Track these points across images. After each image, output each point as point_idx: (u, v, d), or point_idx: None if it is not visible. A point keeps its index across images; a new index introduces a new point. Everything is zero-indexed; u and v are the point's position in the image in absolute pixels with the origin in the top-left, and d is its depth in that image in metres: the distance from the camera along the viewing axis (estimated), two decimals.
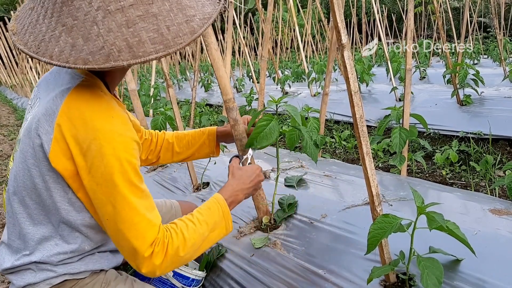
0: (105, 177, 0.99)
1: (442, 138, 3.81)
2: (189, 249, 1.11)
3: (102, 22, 0.87)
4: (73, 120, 0.99)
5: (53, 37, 0.89)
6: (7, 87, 16.25)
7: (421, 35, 13.75)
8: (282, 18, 10.76)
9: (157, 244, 1.04)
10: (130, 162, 1.01)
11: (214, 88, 8.31)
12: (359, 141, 1.11)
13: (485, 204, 1.59)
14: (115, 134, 0.99)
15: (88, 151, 0.98)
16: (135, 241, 1.01)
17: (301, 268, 1.40)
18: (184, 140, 1.62)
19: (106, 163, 0.98)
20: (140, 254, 1.02)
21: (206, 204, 1.24)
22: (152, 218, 1.05)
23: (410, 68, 2.20)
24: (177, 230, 1.11)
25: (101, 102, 1.03)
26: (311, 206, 1.76)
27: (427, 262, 1.06)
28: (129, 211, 1.01)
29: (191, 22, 0.94)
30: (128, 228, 1.01)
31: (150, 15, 0.90)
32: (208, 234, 1.18)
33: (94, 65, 0.87)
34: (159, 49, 0.90)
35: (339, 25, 1.04)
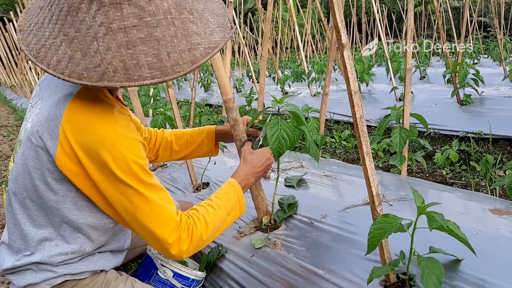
0: (118, 179, 1.01)
1: (442, 137, 3.81)
2: (210, 232, 1.17)
3: (103, 39, 0.86)
4: (78, 126, 1.00)
5: (53, 45, 0.89)
6: (6, 87, 16.24)
7: (421, 34, 13.75)
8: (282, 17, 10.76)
9: (183, 231, 1.09)
10: (138, 163, 1.03)
11: (214, 88, 8.30)
12: (359, 141, 1.11)
13: (485, 204, 1.59)
14: (121, 137, 1.01)
15: (97, 156, 0.99)
16: (158, 231, 1.05)
17: (301, 268, 1.40)
18: (182, 138, 1.63)
19: (116, 166, 1.00)
20: (164, 241, 1.06)
21: (223, 189, 1.30)
22: (169, 207, 1.08)
23: (410, 68, 2.20)
24: (199, 216, 1.16)
25: (104, 107, 1.04)
26: (311, 206, 1.76)
27: (427, 262, 1.06)
28: (147, 205, 1.04)
29: (194, 51, 0.92)
30: (150, 220, 1.05)
31: (153, 39, 0.88)
32: (225, 217, 1.25)
33: (87, 82, 0.87)
34: (155, 75, 0.88)
35: (339, 25, 1.04)
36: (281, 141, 1.49)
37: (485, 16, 15.44)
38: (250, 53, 12.20)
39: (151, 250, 1.44)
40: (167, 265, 1.41)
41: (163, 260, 1.41)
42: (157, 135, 1.64)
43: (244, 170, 1.39)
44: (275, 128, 1.50)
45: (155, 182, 1.08)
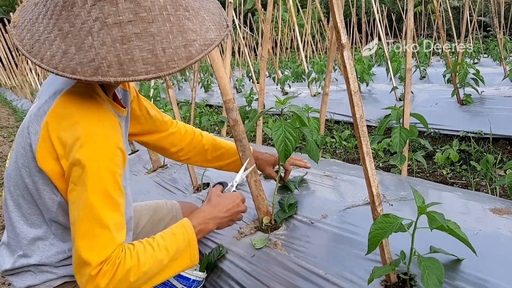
0: (81, 180, 0.96)
1: (443, 137, 3.81)
2: (142, 275, 1.02)
3: (98, 34, 0.86)
4: (60, 121, 0.99)
5: (47, 39, 0.89)
6: (6, 88, 16.26)
7: (421, 34, 13.75)
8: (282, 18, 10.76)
9: (107, 262, 0.97)
10: (110, 170, 0.97)
11: (214, 89, 8.31)
12: (359, 141, 1.11)
13: (485, 204, 1.58)
14: (99, 137, 0.97)
15: (70, 152, 0.96)
16: (87, 254, 0.95)
17: (301, 269, 1.40)
18: (219, 151, 1.63)
19: (83, 165, 0.95)
20: (88, 269, 0.95)
21: (172, 228, 1.17)
22: (116, 236, 0.98)
23: (410, 68, 2.20)
24: (133, 252, 1.03)
25: (91, 104, 1.02)
26: (311, 206, 1.76)
27: (427, 262, 1.06)
28: (93, 221, 0.95)
29: (190, 47, 0.92)
30: (86, 237, 0.96)
31: (148, 34, 0.87)
32: (167, 262, 1.09)
33: (81, 77, 0.86)
34: (150, 71, 0.88)
35: (339, 25, 1.04)
36: (286, 143, 1.49)
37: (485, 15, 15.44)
38: (250, 53, 12.20)
39: None
40: None
41: None
42: (194, 137, 1.62)
43: (205, 213, 1.25)
44: (280, 130, 1.50)
45: (120, 201, 1.01)
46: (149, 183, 2.61)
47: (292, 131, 1.49)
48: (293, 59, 13.28)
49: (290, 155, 1.51)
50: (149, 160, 2.94)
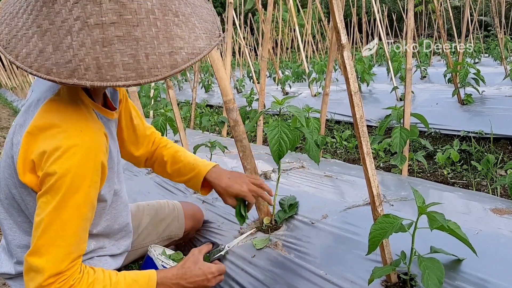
0: (53, 190, 0.94)
1: (443, 137, 3.81)
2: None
3: (77, 34, 0.81)
4: (41, 132, 0.96)
5: (25, 36, 0.84)
6: (7, 89, 16.27)
7: (421, 34, 13.74)
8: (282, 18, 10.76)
9: (61, 279, 0.96)
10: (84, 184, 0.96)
11: (214, 89, 8.31)
12: (359, 141, 1.11)
13: (486, 204, 1.58)
14: (78, 149, 0.94)
15: (47, 162, 0.94)
16: (42, 262, 0.94)
17: (302, 269, 1.40)
18: (177, 165, 1.51)
19: (58, 176, 0.93)
20: (39, 277, 0.95)
21: (137, 274, 1.15)
22: (73, 248, 0.98)
23: (411, 68, 2.20)
24: (90, 279, 1.02)
25: (73, 113, 0.99)
26: (312, 206, 1.76)
27: (428, 262, 1.06)
28: (56, 232, 0.95)
29: (175, 55, 0.86)
30: (45, 246, 0.95)
31: (131, 38, 0.82)
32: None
33: (56, 78, 0.81)
34: (130, 77, 0.82)
35: (339, 25, 1.04)
36: (281, 143, 1.48)
37: (486, 15, 15.43)
38: (250, 53, 12.21)
39: (152, 251, 1.44)
40: (168, 266, 1.41)
41: (164, 261, 1.41)
42: (157, 147, 1.54)
43: (172, 276, 1.21)
44: (276, 130, 1.49)
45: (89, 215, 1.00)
46: (149, 184, 2.61)
47: (288, 131, 1.48)
48: (294, 59, 13.28)
49: (284, 155, 1.50)
50: None
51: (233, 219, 1.80)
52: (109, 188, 1.17)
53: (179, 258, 1.47)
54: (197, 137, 3.57)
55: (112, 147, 1.15)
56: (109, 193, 1.17)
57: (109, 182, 1.16)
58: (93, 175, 0.98)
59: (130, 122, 1.42)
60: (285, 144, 1.48)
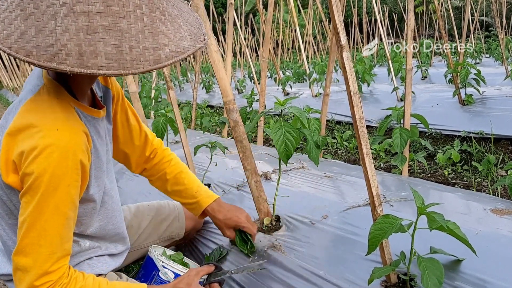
0: (32, 190, 0.95)
1: (444, 138, 3.81)
2: None
3: (62, 20, 0.81)
4: (20, 132, 0.96)
5: (7, 18, 0.83)
6: (8, 90, 16.30)
7: (422, 34, 13.73)
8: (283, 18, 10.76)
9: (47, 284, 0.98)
10: (63, 183, 0.96)
11: (215, 90, 8.31)
12: (359, 142, 1.11)
13: (486, 204, 1.58)
14: (54, 148, 0.94)
15: (25, 162, 0.94)
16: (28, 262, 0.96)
17: (302, 269, 1.40)
18: (179, 187, 1.53)
19: (36, 176, 0.94)
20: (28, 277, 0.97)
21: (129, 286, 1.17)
22: (57, 248, 1.00)
23: (411, 68, 2.20)
24: (77, 285, 1.04)
25: (51, 112, 0.99)
26: (312, 207, 1.76)
27: (427, 262, 1.06)
28: (39, 232, 0.96)
29: (159, 51, 0.87)
30: (30, 246, 0.97)
31: (116, 29, 0.82)
32: None
33: (35, 60, 0.80)
34: (111, 66, 0.82)
35: (338, 26, 1.04)
36: (287, 144, 1.48)
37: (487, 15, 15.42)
38: (251, 54, 12.22)
39: (152, 252, 1.45)
40: (169, 267, 1.41)
41: (164, 262, 1.41)
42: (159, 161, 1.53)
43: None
44: (280, 131, 1.49)
45: (71, 214, 1.01)
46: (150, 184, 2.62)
47: (292, 131, 1.49)
48: (295, 60, 13.28)
49: (291, 155, 1.50)
50: None
51: None
52: (98, 188, 1.16)
53: (179, 259, 1.47)
54: (198, 138, 3.57)
55: (99, 146, 1.15)
56: (99, 192, 1.17)
57: (98, 182, 1.16)
58: (72, 173, 0.98)
59: (126, 121, 1.42)
60: (291, 143, 1.48)
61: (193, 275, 1.27)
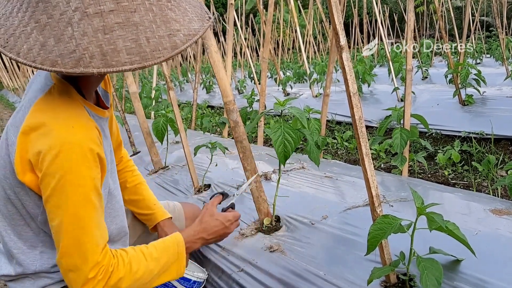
0: (59, 190, 0.95)
1: (444, 138, 3.81)
2: (133, 283, 1.06)
3: (78, 25, 0.82)
4: (34, 131, 0.96)
5: (23, 33, 0.85)
6: (9, 90, 16.32)
7: (423, 34, 13.73)
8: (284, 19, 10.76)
9: (100, 271, 1.00)
10: (86, 177, 0.97)
11: (215, 90, 8.32)
12: (358, 142, 1.12)
13: (486, 204, 1.58)
14: (72, 145, 0.95)
15: (43, 162, 0.95)
16: (78, 260, 0.98)
17: (301, 270, 1.40)
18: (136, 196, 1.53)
19: (60, 175, 0.94)
20: (82, 276, 0.98)
21: (165, 241, 1.20)
22: (99, 239, 1.01)
23: (411, 69, 2.20)
24: (125, 259, 1.06)
25: (64, 111, 1.00)
26: (312, 207, 1.76)
27: (426, 262, 1.06)
28: (78, 229, 0.97)
29: (174, 37, 0.89)
30: (74, 246, 0.97)
31: (131, 24, 0.84)
32: (156, 273, 1.13)
33: (62, 69, 0.82)
34: (134, 61, 0.84)
35: (337, 27, 1.04)
36: (286, 144, 1.48)
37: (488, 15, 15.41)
38: (252, 54, 12.22)
39: None
40: None
41: None
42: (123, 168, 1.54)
43: (195, 232, 1.29)
44: (279, 132, 1.50)
45: (99, 204, 1.02)
46: (150, 185, 2.61)
47: (291, 132, 1.49)
48: (295, 60, 13.28)
49: (290, 156, 1.50)
50: (151, 162, 2.95)
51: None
52: (104, 187, 1.17)
53: None
54: (198, 138, 3.58)
55: (105, 145, 1.16)
56: (104, 191, 1.17)
57: (103, 181, 1.16)
58: (93, 166, 0.99)
59: (115, 127, 1.45)
60: (290, 144, 1.49)
61: (210, 207, 1.35)
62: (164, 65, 2.74)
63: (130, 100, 6.68)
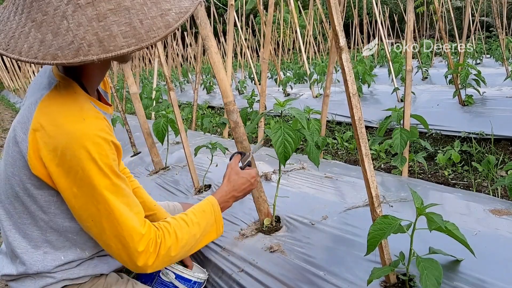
0: (84, 181, 0.99)
1: (444, 138, 3.81)
2: (180, 250, 1.14)
3: (72, 17, 0.86)
4: (45, 126, 0.99)
5: (22, 33, 0.88)
6: (10, 91, 16.33)
7: (423, 35, 13.73)
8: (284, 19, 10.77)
9: (150, 244, 1.06)
10: (106, 163, 1.00)
11: (216, 90, 8.32)
12: (358, 143, 1.12)
13: (485, 205, 1.59)
14: (88, 136, 0.98)
15: (63, 156, 0.97)
16: (123, 239, 1.03)
17: (302, 270, 1.41)
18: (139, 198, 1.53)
19: (82, 166, 0.97)
20: (129, 250, 1.04)
21: (201, 206, 1.27)
22: (135, 215, 1.06)
23: (411, 70, 2.21)
24: (170, 230, 1.13)
25: (73, 105, 1.02)
26: (312, 207, 1.76)
27: (426, 263, 1.07)
28: (112, 212, 1.01)
29: (166, 16, 0.92)
30: (115, 227, 1.02)
31: (122, 9, 0.88)
32: (199, 236, 1.22)
33: (63, 60, 0.85)
34: (131, 43, 0.88)
35: (337, 28, 1.05)
36: (285, 145, 1.49)
37: (488, 16, 15.41)
38: (252, 55, 12.22)
39: None
40: (170, 268, 1.42)
41: None
42: None
43: (226, 191, 1.37)
44: (279, 132, 1.50)
45: (123, 186, 1.05)
46: (151, 185, 2.63)
47: (291, 133, 1.50)
48: (295, 61, 13.28)
49: (290, 156, 1.51)
50: (151, 162, 2.95)
51: (234, 219, 1.82)
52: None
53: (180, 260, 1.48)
54: (199, 139, 3.58)
55: None
56: None
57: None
58: (109, 154, 1.02)
59: None
60: (290, 145, 1.49)
61: (234, 166, 1.44)
62: (165, 66, 2.75)
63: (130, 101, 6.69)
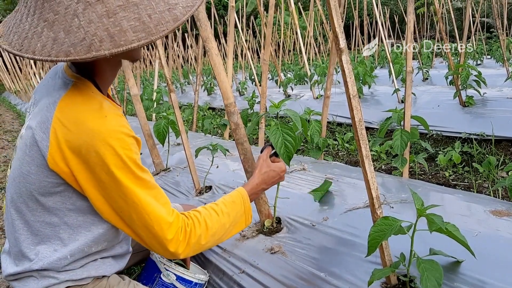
0: (110, 176, 1.02)
1: (445, 139, 3.81)
2: (210, 238, 1.19)
3: (83, 14, 0.88)
4: (67, 125, 1.01)
5: (35, 33, 0.91)
6: (11, 92, 16.35)
7: (423, 36, 13.73)
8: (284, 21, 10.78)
9: (180, 232, 1.11)
10: (130, 158, 1.04)
11: (216, 92, 8.33)
12: (358, 144, 1.12)
13: (486, 206, 1.59)
14: (111, 132, 1.01)
15: (87, 153, 1.00)
16: (152, 229, 1.07)
17: (302, 271, 1.41)
18: None
19: (108, 162, 1.01)
20: (159, 239, 1.08)
21: (232, 196, 1.32)
22: (161, 205, 1.10)
23: (411, 71, 2.21)
24: (200, 219, 1.17)
25: (93, 103, 1.05)
26: (312, 209, 1.77)
27: (426, 264, 1.07)
28: (141, 203, 1.05)
29: (174, 10, 0.95)
30: (144, 218, 1.06)
31: (131, 4, 0.91)
32: (228, 226, 1.26)
33: (76, 57, 0.88)
34: (141, 37, 0.90)
35: (337, 30, 1.05)
36: (286, 145, 1.50)
37: (488, 16, 15.41)
38: (252, 56, 12.23)
39: (154, 255, 1.45)
40: (170, 269, 1.42)
41: (166, 264, 1.42)
42: None
43: (257, 182, 1.41)
44: (278, 134, 1.51)
45: (148, 178, 1.09)
46: None
47: (290, 132, 1.51)
48: (296, 62, 13.29)
49: (293, 156, 1.52)
50: (152, 164, 2.96)
51: None
52: None
53: (181, 262, 1.48)
54: (199, 140, 3.58)
55: None
56: None
57: None
58: (132, 148, 1.05)
59: None
60: (291, 144, 1.51)
61: (266, 159, 1.48)
62: (165, 67, 2.75)
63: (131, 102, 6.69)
